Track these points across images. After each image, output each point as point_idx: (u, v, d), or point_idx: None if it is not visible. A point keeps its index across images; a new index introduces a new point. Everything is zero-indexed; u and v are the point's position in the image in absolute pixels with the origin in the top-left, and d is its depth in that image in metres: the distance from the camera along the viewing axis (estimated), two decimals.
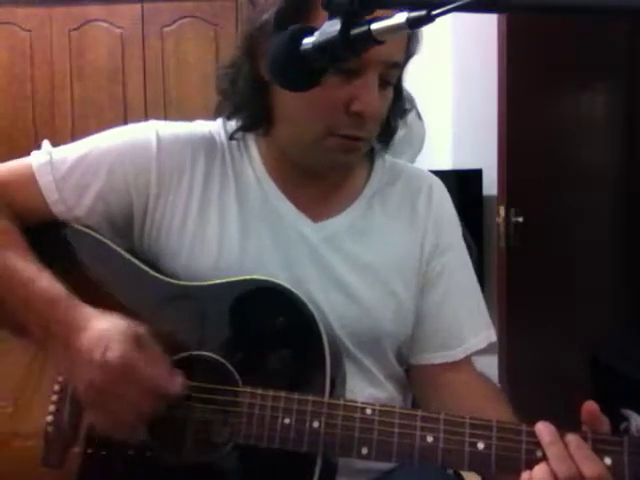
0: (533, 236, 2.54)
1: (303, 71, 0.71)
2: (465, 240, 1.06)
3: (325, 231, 0.95)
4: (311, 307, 0.83)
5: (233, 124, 0.98)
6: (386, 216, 0.99)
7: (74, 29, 3.39)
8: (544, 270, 2.61)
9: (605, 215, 2.84)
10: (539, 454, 0.72)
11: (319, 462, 0.79)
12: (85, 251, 0.94)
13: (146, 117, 3.20)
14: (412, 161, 2.19)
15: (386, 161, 1.04)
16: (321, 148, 0.89)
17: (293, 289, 0.84)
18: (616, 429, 0.73)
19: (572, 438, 0.71)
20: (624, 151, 2.87)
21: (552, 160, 2.62)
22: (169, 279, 0.90)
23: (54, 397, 0.86)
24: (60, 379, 0.86)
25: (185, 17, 3.39)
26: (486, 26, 2.57)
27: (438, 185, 1.04)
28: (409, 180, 1.03)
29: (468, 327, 0.99)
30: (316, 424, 0.78)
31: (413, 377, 1.01)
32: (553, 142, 2.65)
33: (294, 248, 0.94)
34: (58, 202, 0.94)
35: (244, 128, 0.96)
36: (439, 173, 1.08)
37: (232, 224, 0.94)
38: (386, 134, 0.99)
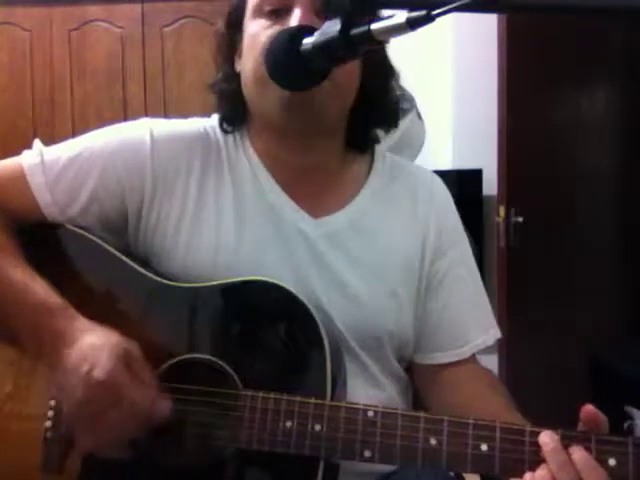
0: (533, 236, 2.54)
1: (303, 71, 0.72)
2: None
3: (325, 228, 0.94)
4: (311, 307, 0.82)
5: None
6: (387, 214, 0.98)
7: (74, 29, 3.38)
8: (544, 270, 2.61)
9: (605, 215, 2.84)
10: (543, 456, 0.71)
11: (321, 466, 0.78)
12: (79, 253, 0.92)
13: (146, 117, 3.18)
14: (412, 161, 2.18)
15: (387, 158, 1.03)
16: (274, 87, 0.80)
17: (292, 290, 0.83)
18: (617, 427, 0.73)
19: (575, 448, 0.70)
20: (624, 151, 2.86)
21: (552, 160, 2.62)
22: (167, 281, 0.89)
23: (52, 402, 0.85)
24: None
25: (185, 17, 3.38)
26: (486, 26, 2.57)
27: (439, 184, 1.04)
28: (410, 179, 1.02)
29: (475, 325, 0.99)
30: (318, 427, 0.77)
31: (417, 375, 1.01)
32: (553, 142, 2.65)
33: (294, 244, 0.93)
34: (50, 204, 0.92)
35: (223, 119, 0.98)
36: (439, 173, 1.08)
37: (229, 222, 0.93)
38: (371, 105, 0.96)
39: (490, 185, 2.77)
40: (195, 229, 0.92)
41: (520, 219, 2.49)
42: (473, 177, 2.90)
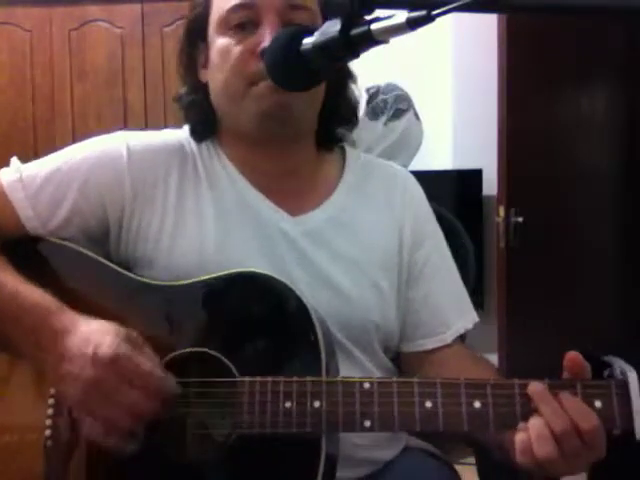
0: (533, 236, 2.54)
1: (303, 71, 0.72)
2: (462, 239, 1.07)
3: (304, 225, 0.96)
4: (300, 295, 0.84)
5: None
6: (363, 209, 1.01)
7: (74, 29, 3.38)
8: (544, 270, 2.61)
9: (605, 215, 2.84)
10: (534, 406, 0.75)
11: (324, 448, 0.78)
12: (65, 263, 0.93)
13: (146, 117, 3.20)
14: (409, 161, 2.18)
15: (360, 157, 1.07)
16: (251, 99, 0.91)
17: (283, 279, 0.85)
18: (601, 377, 0.76)
19: (565, 395, 0.74)
20: (624, 151, 2.86)
21: (552, 160, 2.62)
22: (157, 282, 0.90)
23: (50, 411, 0.85)
24: (53, 392, 0.85)
25: (185, 17, 3.39)
26: (486, 26, 2.57)
27: (412, 180, 1.08)
28: (384, 175, 1.06)
29: (455, 311, 1.02)
30: (317, 404, 0.78)
31: (405, 362, 1.03)
32: (553, 142, 2.65)
33: (275, 242, 0.95)
34: (32, 218, 0.94)
35: (194, 130, 1.00)
36: (439, 173, 1.09)
37: (210, 228, 0.94)
38: (334, 108, 1.00)
39: (490, 185, 2.77)
40: (177, 233, 0.94)
41: (520, 219, 2.50)
42: (473, 177, 2.91)
